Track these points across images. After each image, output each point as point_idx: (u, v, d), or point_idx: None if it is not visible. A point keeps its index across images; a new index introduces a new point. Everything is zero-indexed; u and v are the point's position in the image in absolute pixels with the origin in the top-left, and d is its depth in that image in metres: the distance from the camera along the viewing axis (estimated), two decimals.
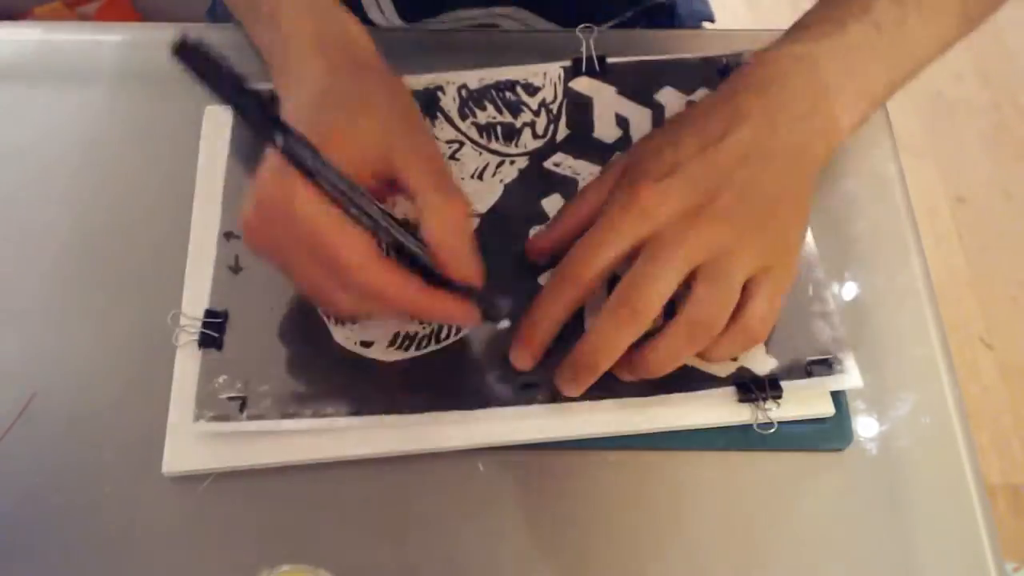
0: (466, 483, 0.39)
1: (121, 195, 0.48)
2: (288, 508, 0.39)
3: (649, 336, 0.37)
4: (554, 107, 0.49)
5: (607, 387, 0.40)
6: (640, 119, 0.49)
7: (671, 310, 0.37)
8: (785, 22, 0.46)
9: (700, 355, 0.39)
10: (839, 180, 0.48)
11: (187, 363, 0.41)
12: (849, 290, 0.45)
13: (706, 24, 0.73)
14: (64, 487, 0.40)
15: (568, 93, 0.50)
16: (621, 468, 0.40)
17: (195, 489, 0.40)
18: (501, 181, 0.47)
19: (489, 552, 0.39)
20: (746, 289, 0.38)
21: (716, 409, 0.41)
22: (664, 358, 0.38)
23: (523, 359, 0.40)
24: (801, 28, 0.43)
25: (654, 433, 0.41)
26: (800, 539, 0.39)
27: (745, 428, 0.41)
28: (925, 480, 0.40)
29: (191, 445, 0.40)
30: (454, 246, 0.36)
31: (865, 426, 0.41)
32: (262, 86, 0.44)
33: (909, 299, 0.45)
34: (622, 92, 0.50)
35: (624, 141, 0.48)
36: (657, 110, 0.49)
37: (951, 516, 0.40)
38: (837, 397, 0.41)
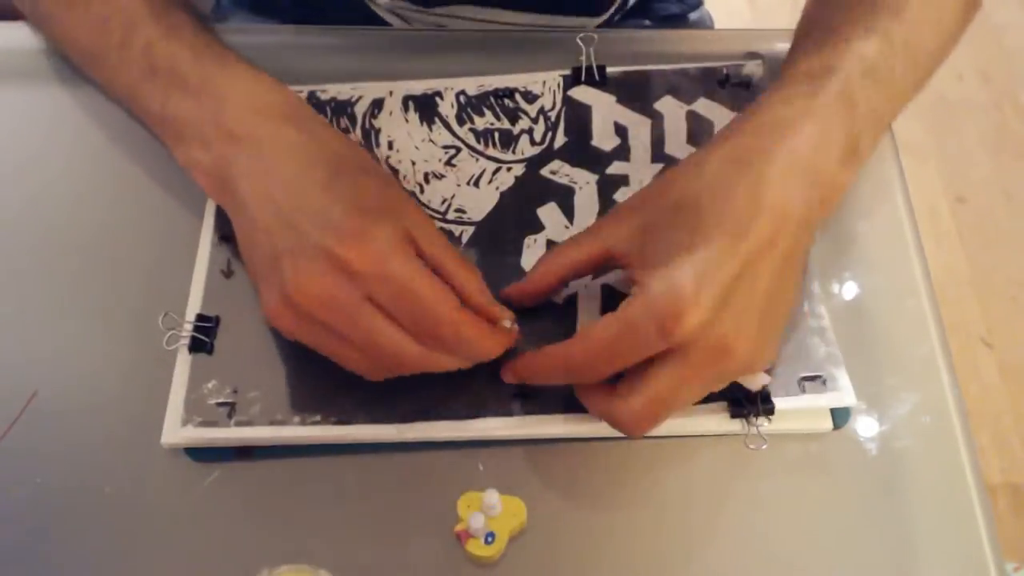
0: (466, 483, 0.39)
1: (122, 195, 0.48)
2: (288, 508, 0.39)
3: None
4: (552, 114, 0.49)
5: None
6: (639, 128, 0.49)
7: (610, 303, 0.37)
8: (785, 22, 0.46)
9: None
10: None
11: (182, 366, 0.41)
12: (849, 290, 0.45)
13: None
14: (64, 486, 0.40)
15: (567, 101, 0.50)
16: (622, 466, 0.40)
17: (195, 489, 0.40)
18: (497, 188, 0.47)
19: None
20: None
21: (708, 424, 0.41)
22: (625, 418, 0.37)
23: (510, 379, 0.40)
24: (797, 80, 0.40)
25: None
26: (800, 539, 0.39)
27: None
28: (925, 480, 0.40)
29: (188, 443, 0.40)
30: (487, 295, 0.39)
31: (865, 426, 0.41)
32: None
33: (909, 299, 0.45)
34: (621, 101, 0.50)
35: (622, 149, 0.48)
36: (656, 119, 0.49)
37: (951, 516, 0.40)
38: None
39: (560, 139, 0.48)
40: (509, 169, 0.48)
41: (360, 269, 0.35)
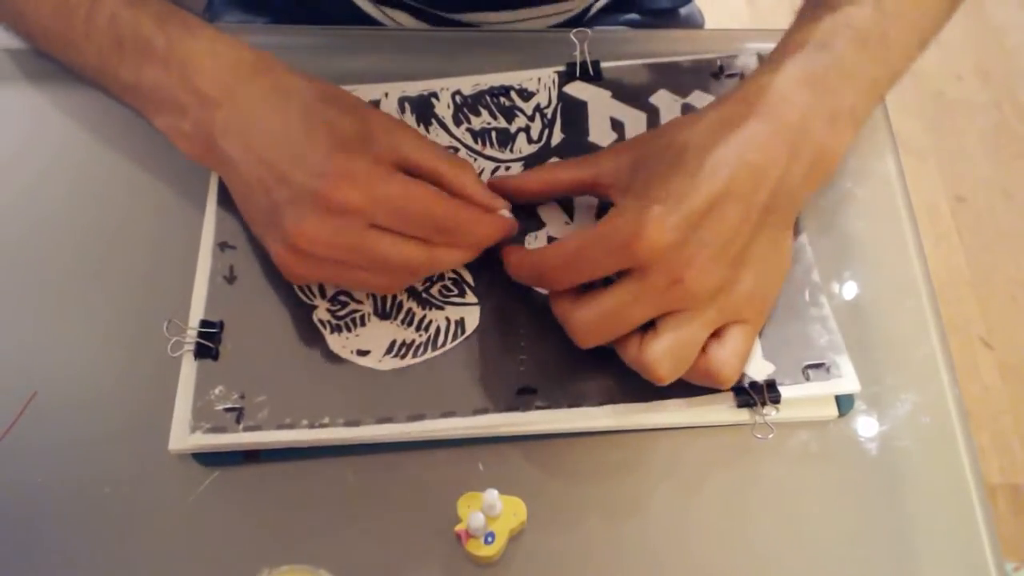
0: (466, 483, 0.39)
1: (123, 195, 0.48)
2: (288, 508, 0.39)
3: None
4: (548, 112, 0.49)
5: (606, 393, 0.40)
6: (635, 122, 0.49)
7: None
8: (785, 21, 0.46)
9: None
10: (839, 180, 0.48)
11: (188, 371, 0.41)
12: (849, 290, 0.45)
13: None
14: (64, 487, 0.40)
15: (562, 97, 0.50)
16: (623, 465, 0.40)
17: (195, 489, 0.40)
18: None
19: None
20: (720, 333, 0.38)
21: (714, 414, 0.41)
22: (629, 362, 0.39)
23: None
24: (791, 50, 0.41)
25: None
26: (800, 539, 0.39)
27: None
28: (925, 480, 0.40)
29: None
30: (482, 187, 0.42)
31: (865, 426, 0.41)
32: None
33: (909, 299, 0.45)
34: (616, 96, 0.50)
35: None
36: (652, 113, 0.49)
37: (951, 516, 0.40)
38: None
39: (557, 136, 0.49)
40: (508, 168, 0.48)
41: (354, 204, 0.37)
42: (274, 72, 0.42)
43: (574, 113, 0.49)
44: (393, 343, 0.42)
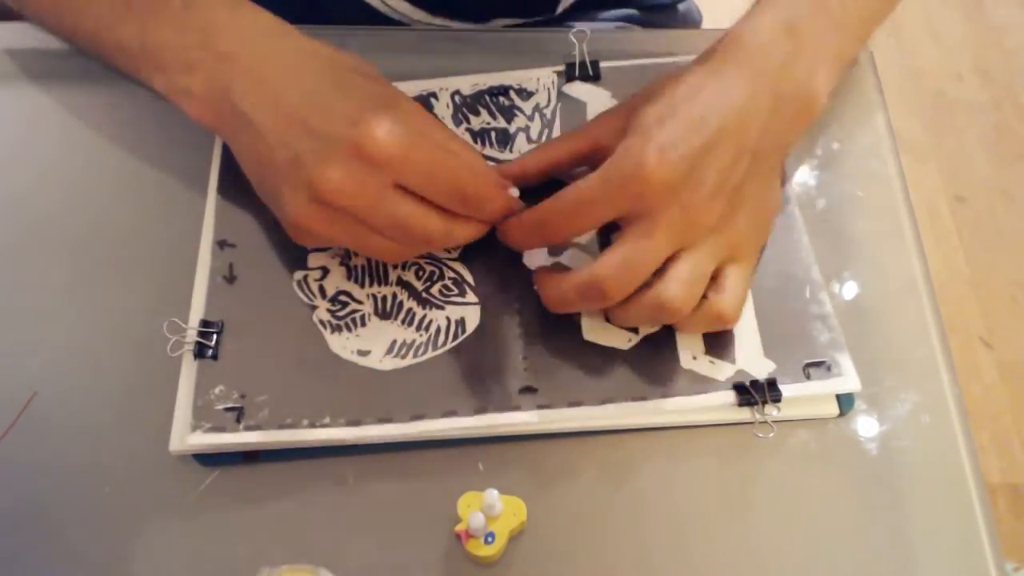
0: (466, 483, 0.39)
1: (123, 195, 0.48)
2: (288, 508, 0.39)
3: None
4: (548, 111, 0.49)
5: (606, 393, 0.40)
6: None
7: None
8: None
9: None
10: (839, 180, 0.48)
11: (188, 371, 0.41)
12: (849, 290, 0.45)
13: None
14: (64, 487, 0.40)
15: (562, 97, 0.50)
16: (623, 464, 0.40)
17: (195, 489, 0.40)
18: None
19: None
20: (717, 276, 0.40)
21: (714, 413, 0.41)
22: (627, 321, 0.41)
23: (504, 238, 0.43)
24: (764, 9, 0.42)
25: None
26: (799, 538, 0.39)
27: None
28: (925, 480, 0.40)
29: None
30: (491, 170, 0.42)
31: (865, 426, 0.41)
32: None
33: (909, 299, 0.45)
34: (616, 95, 0.50)
35: None
36: None
37: (951, 516, 0.40)
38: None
39: (557, 136, 0.48)
40: None
41: (386, 155, 0.37)
42: (296, 36, 0.43)
43: (573, 113, 0.49)
44: (393, 343, 0.42)
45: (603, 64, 0.51)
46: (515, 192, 0.42)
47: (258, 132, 0.40)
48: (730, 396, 0.40)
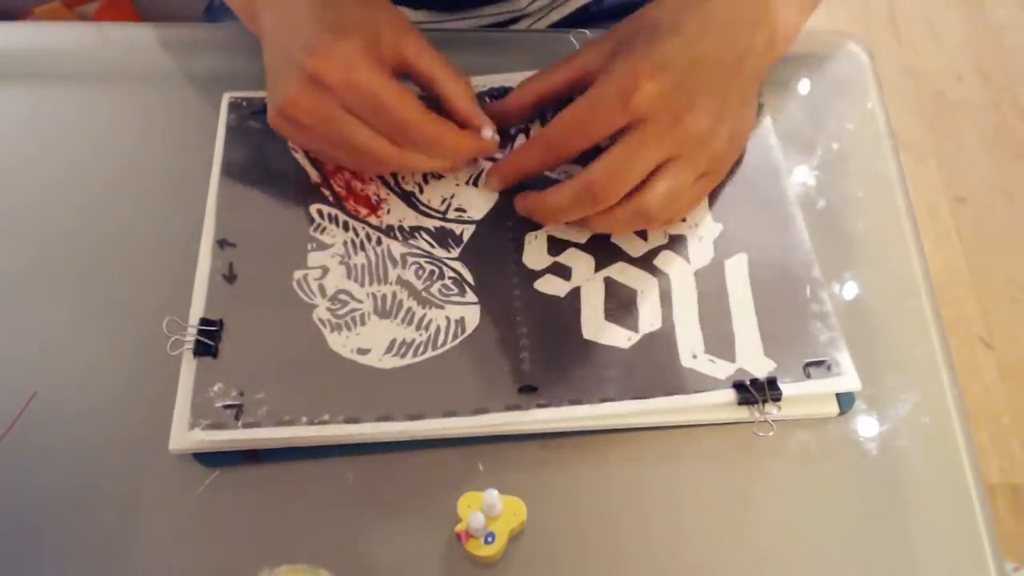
0: (466, 483, 0.39)
1: (122, 195, 0.48)
2: (288, 508, 0.39)
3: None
4: (548, 111, 0.49)
5: (606, 392, 0.40)
6: None
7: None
8: None
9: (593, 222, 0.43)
10: (839, 180, 0.49)
11: (187, 369, 0.41)
12: (849, 290, 0.45)
13: None
14: (64, 487, 0.40)
15: (561, 98, 0.50)
16: (623, 464, 0.40)
17: (195, 489, 0.40)
18: None
19: None
20: (656, 171, 0.42)
21: (715, 412, 0.41)
22: (606, 227, 0.44)
23: (492, 183, 0.46)
24: None
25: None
26: (799, 538, 0.39)
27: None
28: (925, 480, 0.40)
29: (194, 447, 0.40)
30: (471, 103, 0.45)
31: (865, 426, 0.42)
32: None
33: (909, 299, 0.45)
34: None
35: None
36: None
37: (951, 516, 0.40)
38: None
39: None
40: None
41: (328, 80, 0.40)
42: None
43: None
44: (393, 342, 0.42)
45: None
46: (488, 132, 0.44)
47: (268, 42, 0.44)
48: (730, 395, 0.40)
